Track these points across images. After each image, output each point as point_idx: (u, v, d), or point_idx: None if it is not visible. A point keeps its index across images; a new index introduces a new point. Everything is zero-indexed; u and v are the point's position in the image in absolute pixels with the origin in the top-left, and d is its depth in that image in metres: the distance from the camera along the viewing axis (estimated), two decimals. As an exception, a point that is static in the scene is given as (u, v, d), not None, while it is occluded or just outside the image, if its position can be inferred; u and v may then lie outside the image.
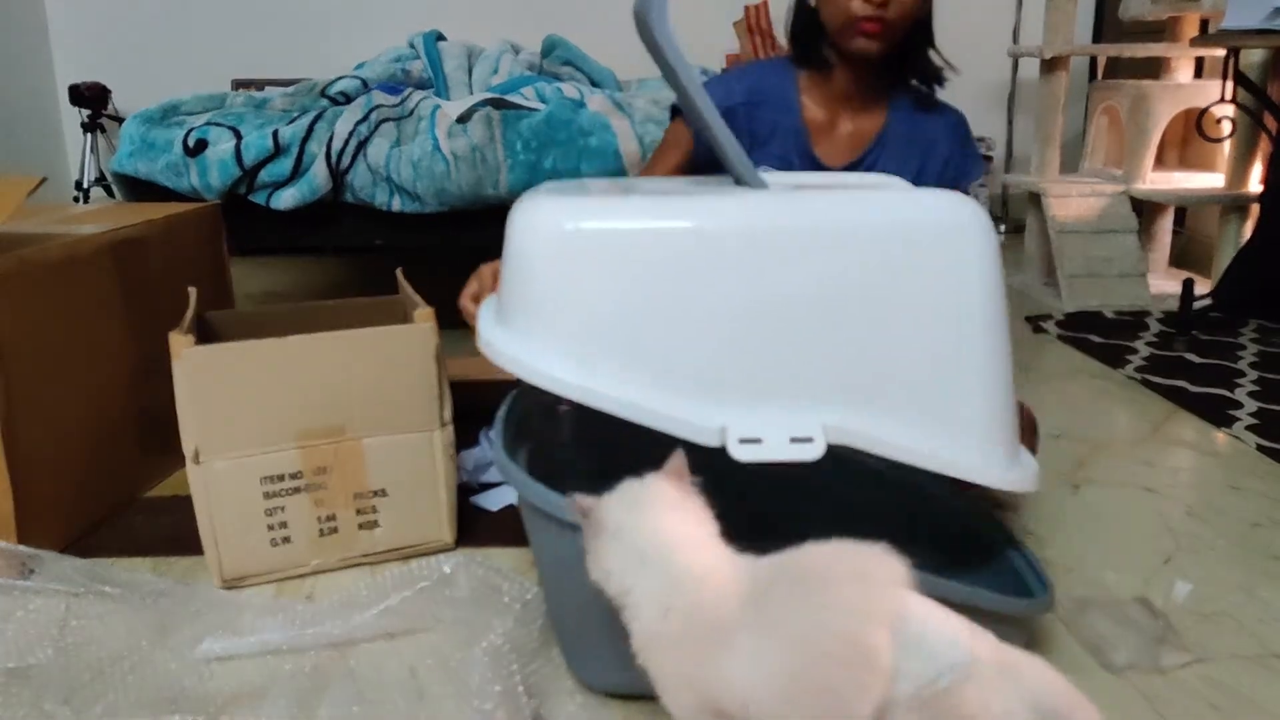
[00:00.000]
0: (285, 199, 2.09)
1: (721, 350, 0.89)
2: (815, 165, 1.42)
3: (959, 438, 0.92)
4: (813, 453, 0.88)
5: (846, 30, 1.32)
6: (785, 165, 1.42)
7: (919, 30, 1.38)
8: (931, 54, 1.44)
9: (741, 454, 0.87)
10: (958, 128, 1.46)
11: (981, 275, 0.92)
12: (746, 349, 0.90)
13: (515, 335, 0.94)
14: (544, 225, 0.93)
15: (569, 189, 1.10)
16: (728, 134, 1.03)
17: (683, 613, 0.77)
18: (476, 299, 1.23)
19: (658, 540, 0.80)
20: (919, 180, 1.42)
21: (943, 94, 1.49)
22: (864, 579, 0.72)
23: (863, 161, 1.42)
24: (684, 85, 1.01)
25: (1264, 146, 2.57)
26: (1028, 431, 1.37)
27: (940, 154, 1.43)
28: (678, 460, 0.85)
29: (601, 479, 1.22)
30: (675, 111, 1.51)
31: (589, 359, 0.90)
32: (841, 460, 1.26)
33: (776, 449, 0.88)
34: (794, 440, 0.88)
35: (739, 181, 1.07)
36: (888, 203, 0.96)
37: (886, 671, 0.68)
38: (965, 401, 0.92)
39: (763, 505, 1.28)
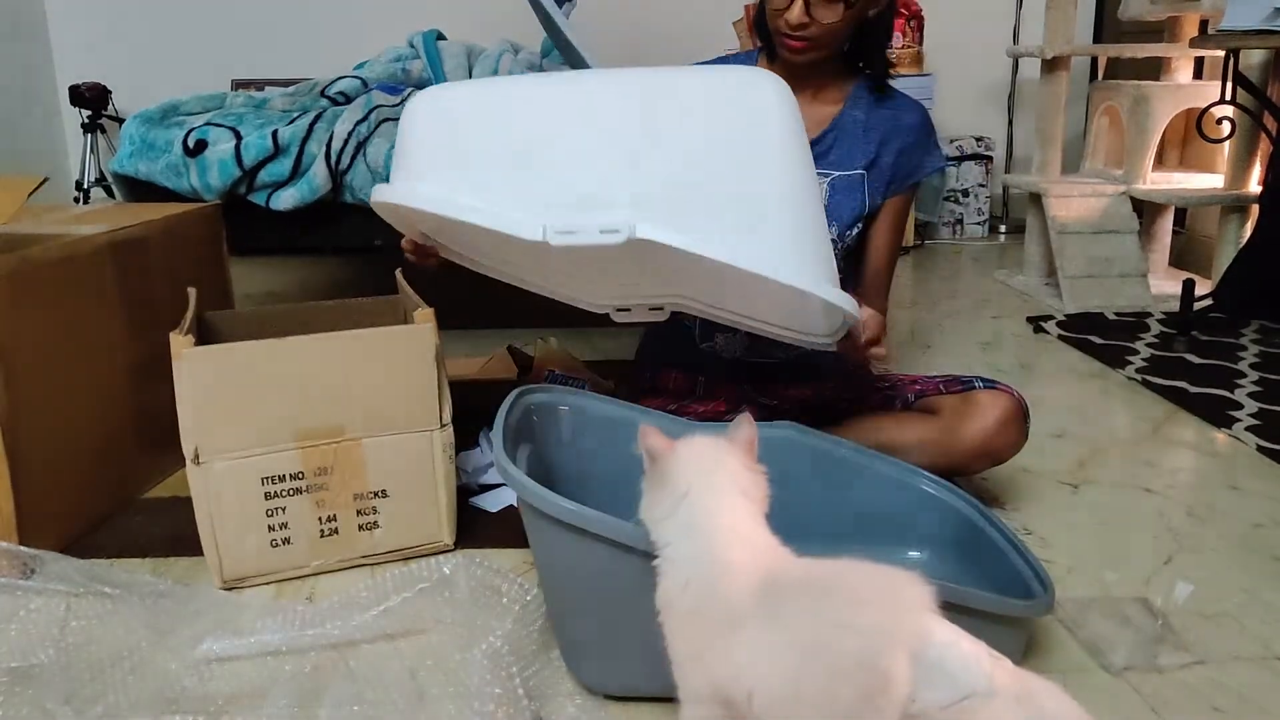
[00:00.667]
0: (285, 199, 2.08)
1: (560, 170, 1.06)
2: None
3: (776, 253, 1.04)
4: (616, 239, 1.00)
5: (776, 39, 1.37)
6: None
7: (871, 32, 1.39)
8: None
9: (557, 241, 1.01)
10: (917, 121, 1.47)
11: (782, 124, 1.06)
12: (568, 168, 1.06)
13: (399, 183, 1.12)
14: (420, 101, 1.13)
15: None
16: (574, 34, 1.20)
17: (700, 588, 0.78)
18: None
19: (711, 518, 0.80)
20: (873, 168, 1.44)
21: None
22: (891, 602, 0.72)
23: (818, 145, 1.44)
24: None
25: (1264, 147, 2.57)
26: (1018, 418, 1.37)
27: (895, 146, 1.44)
28: (749, 428, 0.87)
29: (601, 481, 1.22)
30: None
31: (446, 180, 1.07)
32: (842, 460, 1.27)
33: (586, 236, 1.01)
34: (602, 231, 1.01)
35: None
36: (704, 70, 1.18)
37: (902, 697, 0.68)
38: (775, 223, 1.05)
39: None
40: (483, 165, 1.08)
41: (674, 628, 0.80)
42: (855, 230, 1.44)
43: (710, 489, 0.82)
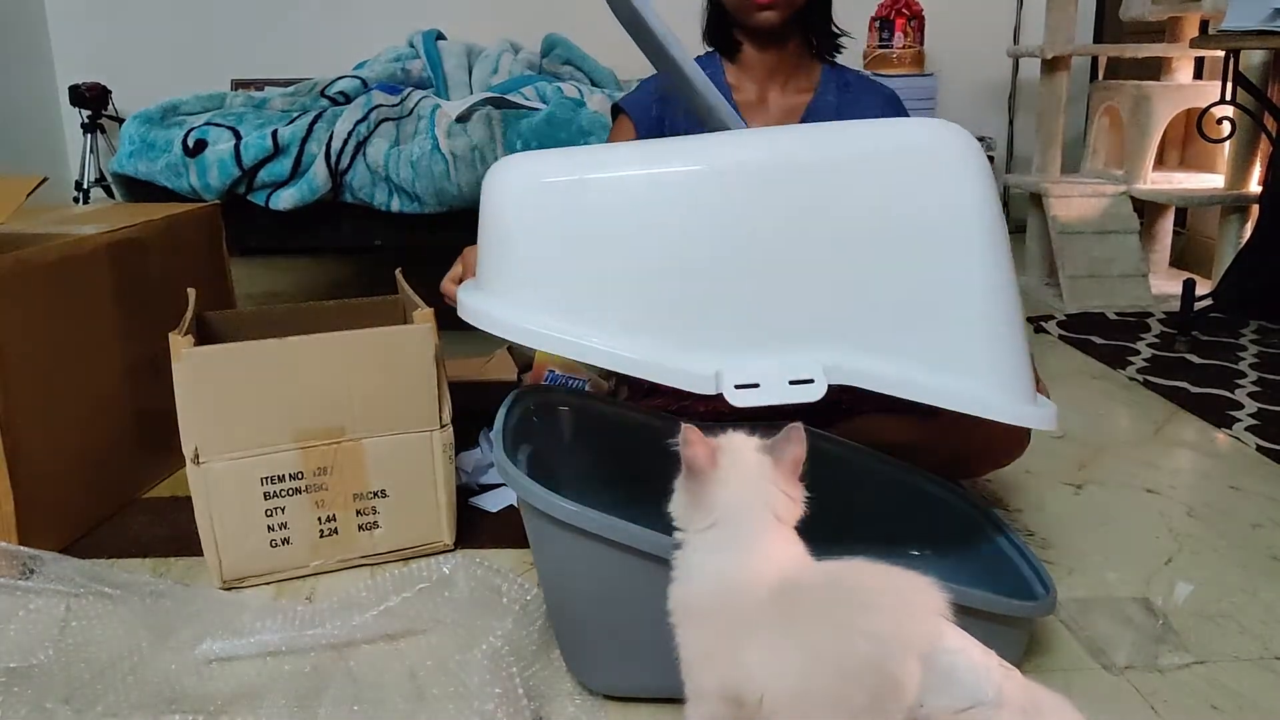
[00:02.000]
0: (285, 199, 2.08)
1: (710, 294, 0.86)
2: None
3: (967, 371, 0.87)
4: (814, 394, 0.84)
5: (745, 9, 1.36)
6: None
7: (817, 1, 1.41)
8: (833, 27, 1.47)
9: (738, 399, 0.84)
10: (889, 103, 1.48)
11: (974, 197, 0.88)
12: (735, 291, 0.86)
13: (498, 298, 0.92)
14: (518, 181, 0.91)
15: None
16: (713, 89, 1.03)
17: (717, 599, 0.77)
18: (458, 281, 1.23)
19: (740, 546, 0.78)
20: None
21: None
22: (903, 607, 0.72)
23: None
24: (666, 49, 1.00)
25: (1264, 147, 2.57)
26: (1021, 435, 1.37)
27: None
28: (797, 447, 0.81)
29: (601, 481, 1.22)
30: (616, 111, 1.53)
31: (575, 312, 0.87)
32: (842, 460, 1.26)
33: (775, 392, 0.85)
34: (793, 383, 0.85)
35: None
36: (866, 130, 0.93)
37: (910, 703, 0.68)
38: (969, 334, 0.87)
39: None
40: (621, 289, 0.86)
41: (686, 628, 0.80)
42: None
43: (745, 519, 0.79)
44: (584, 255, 0.88)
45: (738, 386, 0.84)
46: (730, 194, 0.87)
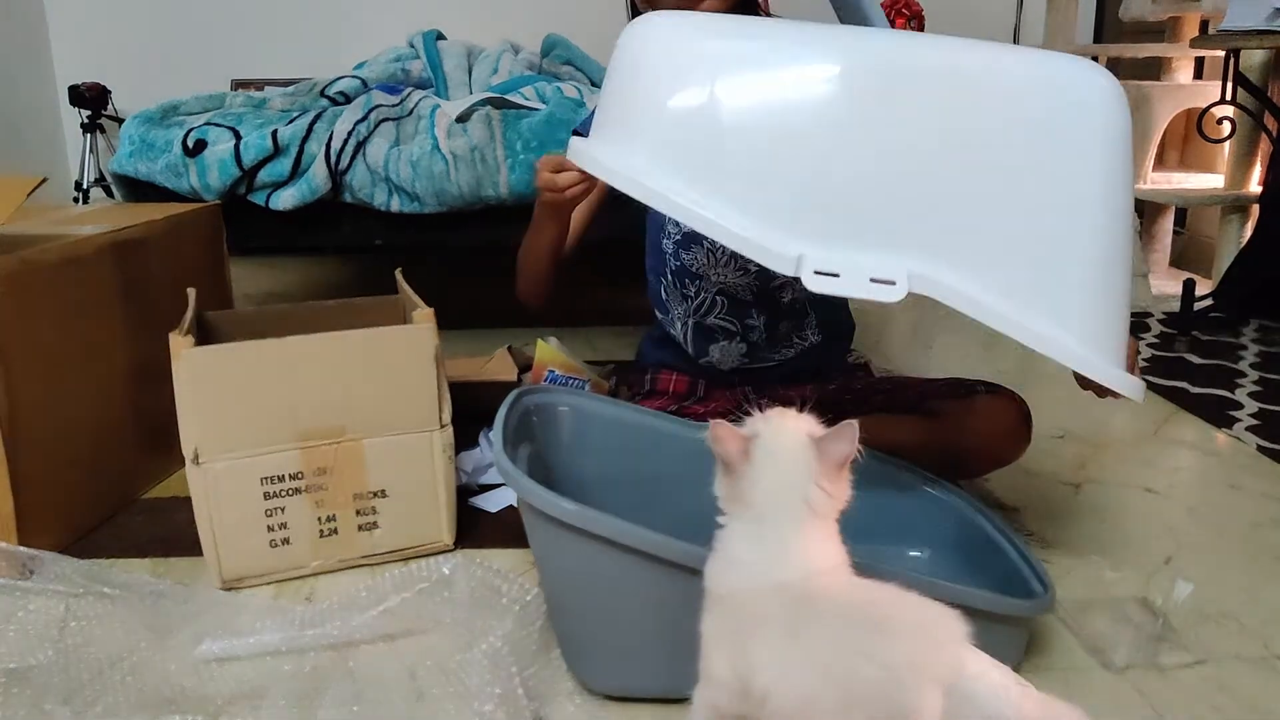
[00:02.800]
0: (285, 199, 2.08)
1: (811, 182, 0.85)
2: None
3: (1059, 318, 0.84)
4: (893, 295, 0.82)
5: (689, 4, 1.32)
6: None
7: None
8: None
9: (815, 285, 0.83)
10: None
11: (1108, 144, 0.85)
12: (838, 184, 0.85)
13: (606, 142, 0.93)
14: (658, 35, 0.91)
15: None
16: None
17: (737, 579, 0.78)
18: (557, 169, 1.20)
19: (778, 524, 0.77)
20: None
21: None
22: (922, 637, 0.72)
23: None
24: None
25: (1264, 147, 2.57)
26: (1020, 424, 1.37)
27: None
28: (847, 445, 0.77)
29: (600, 481, 1.22)
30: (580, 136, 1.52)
31: (675, 168, 0.86)
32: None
33: (853, 285, 0.83)
34: (874, 280, 0.83)
35: None
36: (1012, 54, 0.89)
37: None
38: (1069, 280, 0.85)
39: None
40: (731, 153, 0.86)
41: (709, 607, 0.80)
42: None
43: (779, 515, 0.78)
44: (698, 115, 0.87)
45: (817, 273, 0.83)
46: (857, 90, 0.85)
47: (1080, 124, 0.84)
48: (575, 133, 1.51)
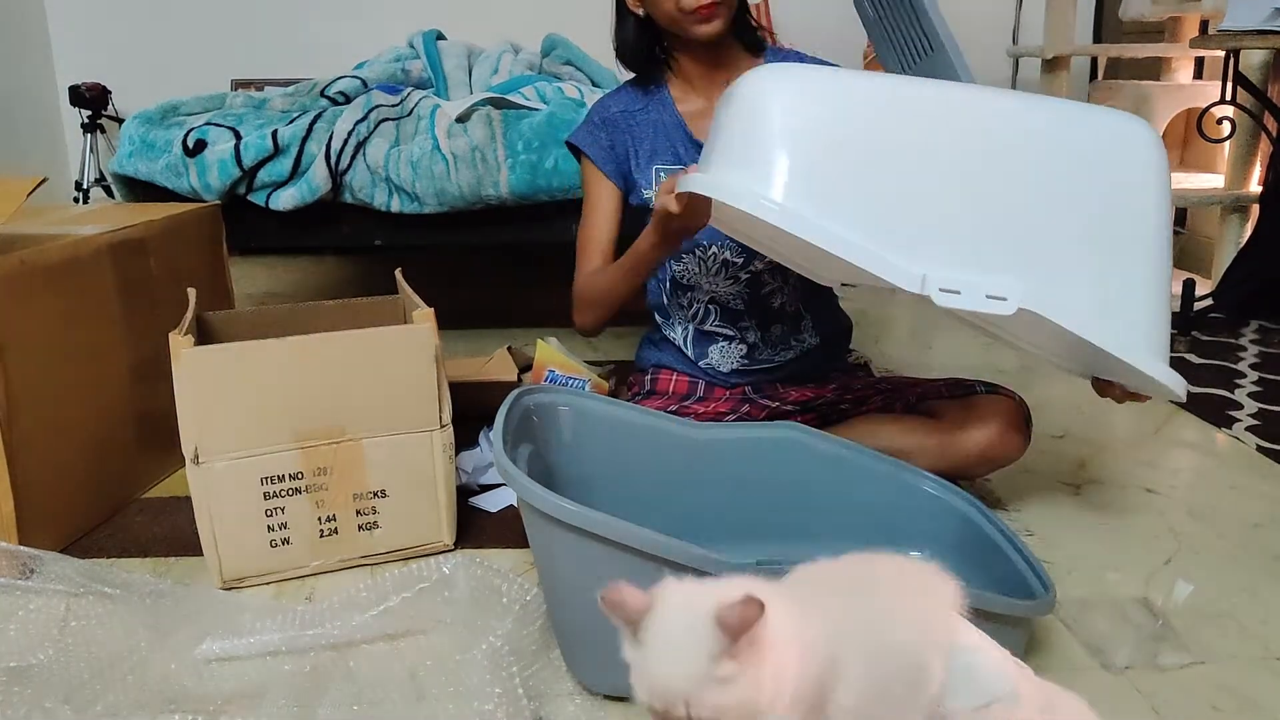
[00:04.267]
0: (284, 199, 2.09)
1: (933, 211, 1.02)
2: (697, 147, 1.45)
3: (1127, 325, 1.05)
4: (1005, 309, 1.00)
5: (685, 21, 1.35)
6: (674, 158, 1.45)
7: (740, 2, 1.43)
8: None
9: (941, 300, 0.99)
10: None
11: (1160, 196, 1.06)
12: (953, 216, 1.02)
13: (732, 169, 1.05)
14: (782, 80, 1.06)
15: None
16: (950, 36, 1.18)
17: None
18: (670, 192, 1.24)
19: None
20: None
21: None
22: (927, 597, 0.71)
23: None
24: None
25: (1264, 147, 2.57)
26: (1019, 424, 1.37)
27: None
28: (752, 609, 0.63)
29: (601, 481, 1.22)
30: (576, 150, 1.51)
31: (804, 193, 1.00)
32: (842, 460, 1.26)
33: (973, 300, 1.00)
34: (989, 297, 0.99)
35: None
36: (1083, 112, 1.08)
37: (935, 694, 0.68)
38: (1134, 295, 1.05)
39: (765, 503, 1.28)
40: (851, 185, 1.01)
41: None
42: None
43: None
44: (826, 150, 1.03)
45: (941, 289, 0.99)
46: (963, 139, 1.03)
47: (1137, 167, 1.06)
48: (570, 145, 1.51)
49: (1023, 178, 1.03)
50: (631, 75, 1.48)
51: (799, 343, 1.52)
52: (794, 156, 1.02)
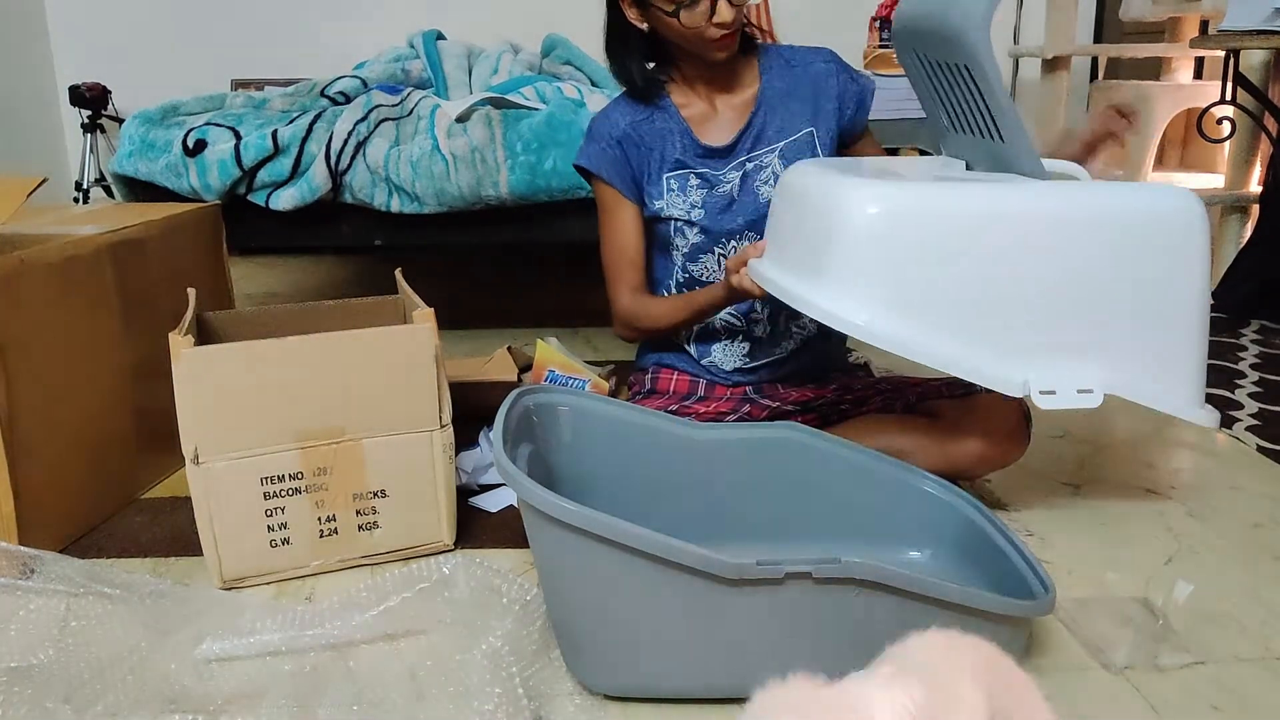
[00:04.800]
0: (284, 199, 2.09)
1: (1018, 316, 1.10)
2: (704, 151, 1.46)
3: (1182, 390, 1.16)
4: (1093, 402, 1.10)
5: (703, 47, 1.36)
6: (683, 166, 1.46)
7: None
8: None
9: (1043, 403, 1.09)
10: (831, 63, 1.49)
11: (1203, 258, 1.15)
12: (1038, 315, 1.10)
13: (828, 291, 1.13)
14: (863, 202, 1.12)
15: (843, 166, 1.30)
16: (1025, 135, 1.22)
17: None
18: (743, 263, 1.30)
19: None
20: (819, 121, 1.46)
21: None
22: (986, 673, 0.64)
23: (749, 129, 1.46)
24: (997, 96, 1.20)
25: (1264, 147, 2.57)
26: (1019, 424, 1.37)
27: (829, 94, 1.47)
28: None
29: (601, 481, 1.22)
30: (585, 172, 1.51)
31: (904, 315, 1.09)
32: (842, 460, 1.26)
33: (1068, 399, 1.09)
34: (1080, 391, 1.09)
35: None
36: (1139, 197, 1.17)
37: None
38: (1186, 362, 1.16)
39: (765, 503, 1.28)
40: (936, 295, 1.09)
41: None
42: None
43: None
44: (915, 271, 1.10)
45: (1041, 392, 1.08)
46: (1034, 240, 1.11)
47: (1184, 238, 1.14)
48: (580, 169, 1.50)
49: (1091, 267, 1.11)
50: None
51: (800, 329, 1.52)
52: (880, 273, 1.10)
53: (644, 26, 1.39)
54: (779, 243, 1.25)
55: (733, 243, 1.46)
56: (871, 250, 1.11)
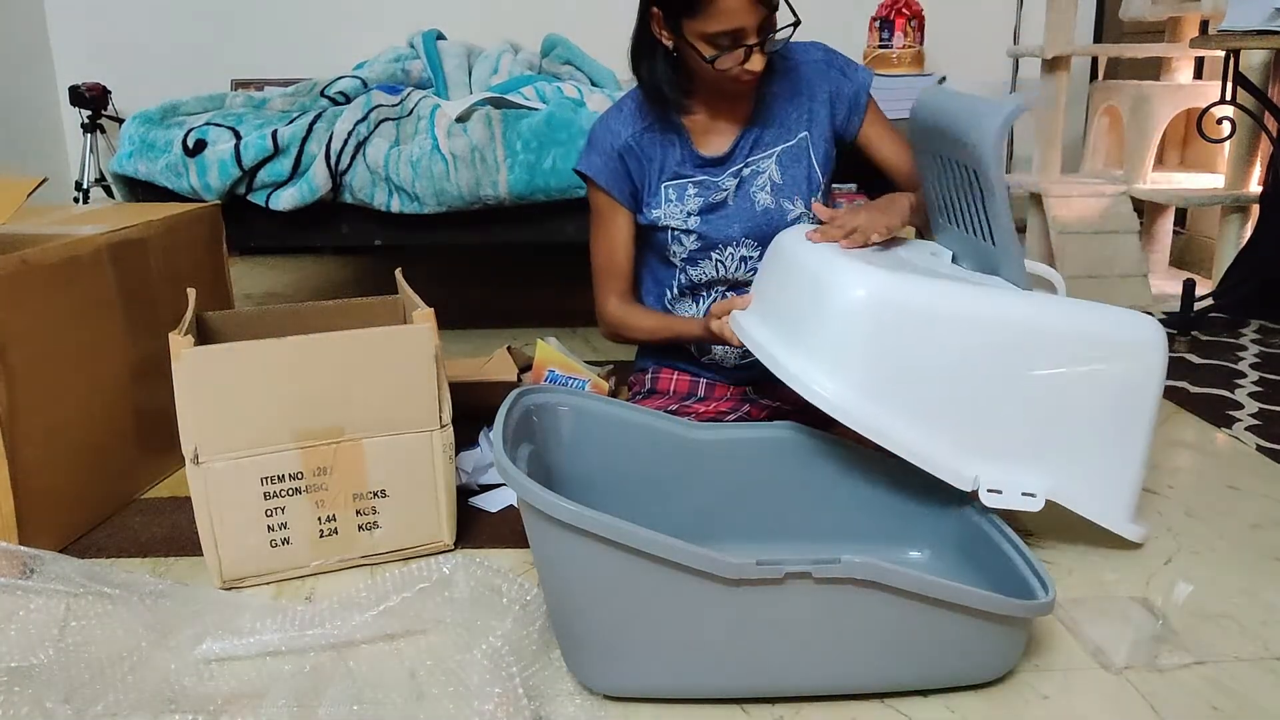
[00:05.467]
0: (284, 199, 2.09)
1: (978, 417, 1.15)
2: (701, 160, 1.45)
3: (1118, 506, 1.23)
4: (1035, 506, 1.16)
5: (724, 84, 1.36)
6: (680, 176, 1.45)
7: None
8: None
9: (989, 500, 1.14)
10: (824, 57, 1.49)
11: (1158, 387, 1.20)
12: (996, 419, 1.16)
13: (802, 358, 1.17)
14: (853, 284, 1.16)
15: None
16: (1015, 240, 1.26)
17: None
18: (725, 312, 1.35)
19: None
20: (813, 123, 1.46)
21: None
22: None
23: (745, 136, 1.45)
24: (996, 195, 1.22)
25: (1264, 147, 2.57)
26: None
27: (824, 90, 1.47)
28: None
29: (601, 481, 1.22)
30: (584, 176, 1.50)
31: (871, 396, 1.13)
32: (842, 460, 1.26)
33: (1011, 500, 1.15)
34: (1024, 495, 1.15)
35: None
36: (1100, 319, 1.21)
37: None
38: (1126, 481, 1.23)
39: (765, 503, 1.28)
40: (908, 384, 1.14)
41: None
42: (820, 192, 1.47)
43: None
44: (894, 358, 1.14)
45: (989, 490, 1.14)
46: (1004, 348, 1.15)
47: (1143, 366, 1.20)
48: (580, 173, 1.49)
49: (1051, 381, 1.16)
50: (631, 76, 1.47)
51: None
52: (856, 352, 1.14)
53: (669, 45, 1.37)
54: (764, 300, 1.29)
55: (730, 249, 1.46)
56: (851, 330, 1.14)
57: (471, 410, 1.44)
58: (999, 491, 1.14)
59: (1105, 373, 1.17)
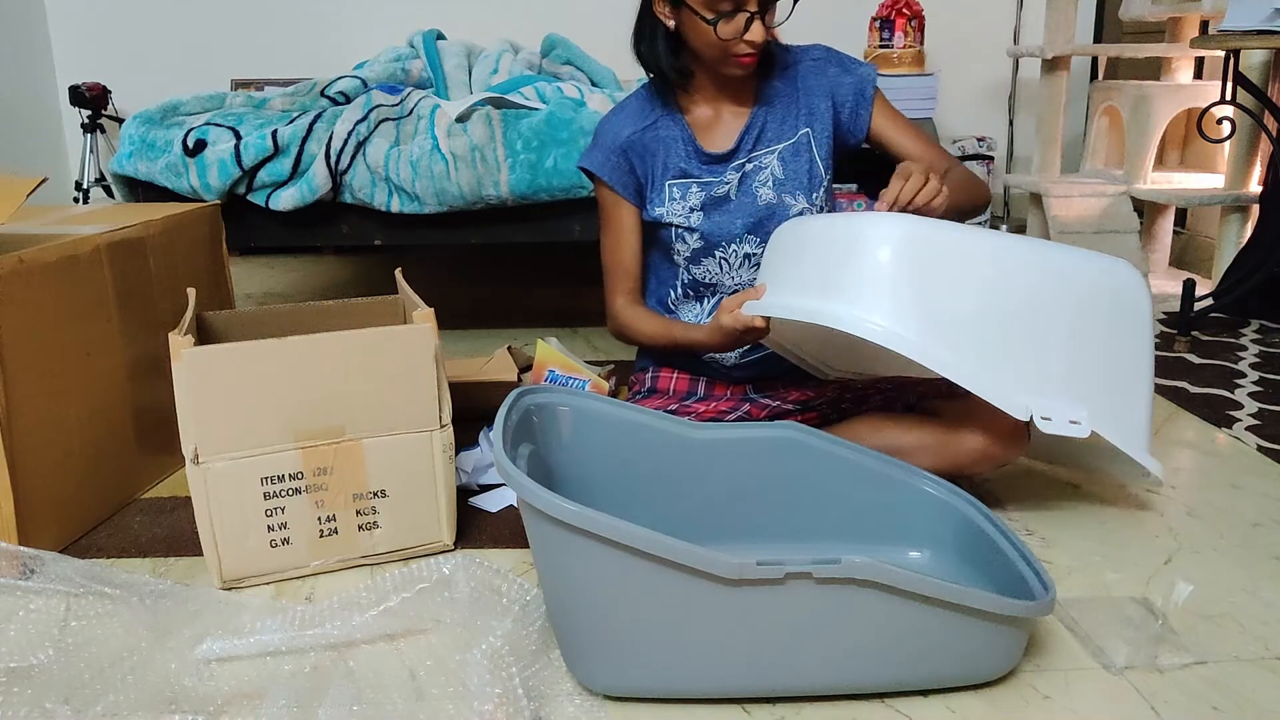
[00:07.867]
0: (284, 199, 2.09)
1: (1017, 349, 1.20)
2: (706, 157, 1.46)
3: (1139, 436, 1.28)
4: (1081, 432, 1.20)
5: (723, 62, 1.36)
6: (684, 174, 1.46)
7: None
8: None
9: (1043, 426, 1.18)
10: (825, 58, 1.49)
11: (1148, 313, 1.28)
12: (1033, 350, 1.21)
13: (845, 300, 1.18)
14: (883, 225, 1.19)
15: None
16: None
17: None
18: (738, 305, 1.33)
19: None
20: (815, 120, 1.46)
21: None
22: None
23: (748, 131, 1.46)
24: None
25: (1264, 147, 2.57)
26: (1019, 425, 1.37)
27: (821, 92, 1.47)
28: None
29: (601, 481, 1.22)
30: (589, 173, 1.50)
31: (922, 327, 1.16)
32: (842, 460, 1.26)
33: (1060, 426, 1.19)
34: (1071, 422, 1.19)
35: None
36: (1098, 265, 1.27)
37: None
38: (1141, 411, 1.29)
39: (765, 503, 1.28)
40: (954, 318, 1.17)
41: None
42: (822, 188, 1.47)
43: None
44: (937, 289, 1.18)
45: (1041, 417, 1.18)
46: (1024, 286, 1.21)
47: (1134, 303, 1.27)
48: (585, 170, 1.50)
49: (1075, 317, 1.23)
50: (634, 76, 1.48)
51: None
52: (899, 287, 1.17)
53: (671, 24, 1.39)
54: (781, 278, 1.30)
55: (733, 246, 1.46)
56: (892, 267, 1.17)
57: (471, 410, 1.44)
58: (1049, 419, 1.18)
59: (1110, 307, 1.24)
